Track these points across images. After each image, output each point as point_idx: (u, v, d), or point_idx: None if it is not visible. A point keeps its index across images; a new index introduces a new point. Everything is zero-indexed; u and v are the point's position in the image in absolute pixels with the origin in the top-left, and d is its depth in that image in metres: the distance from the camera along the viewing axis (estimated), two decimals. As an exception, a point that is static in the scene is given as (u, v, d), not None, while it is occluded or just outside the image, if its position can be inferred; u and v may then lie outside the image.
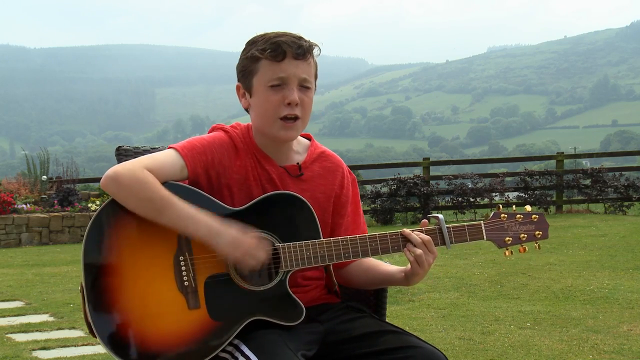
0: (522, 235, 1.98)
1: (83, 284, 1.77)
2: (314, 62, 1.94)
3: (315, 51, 1.94)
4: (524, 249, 1.98)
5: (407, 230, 1.92)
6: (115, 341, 1.74)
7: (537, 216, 2.00)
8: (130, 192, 1.75)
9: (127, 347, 1.74)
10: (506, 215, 1.98)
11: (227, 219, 1.81)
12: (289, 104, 1.87)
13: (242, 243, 1.77)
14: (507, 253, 1.98)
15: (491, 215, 1.98)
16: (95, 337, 1.75)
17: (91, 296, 1.75)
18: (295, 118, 1.89)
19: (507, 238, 1.97)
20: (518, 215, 1.98)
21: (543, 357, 3.88)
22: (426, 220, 1.96)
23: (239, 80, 1.97)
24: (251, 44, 1.92)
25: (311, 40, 1.93)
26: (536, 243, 2.00)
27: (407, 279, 1.95)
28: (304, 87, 1.90)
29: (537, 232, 1.99)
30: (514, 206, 2.03)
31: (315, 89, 1.98)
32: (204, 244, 1.78)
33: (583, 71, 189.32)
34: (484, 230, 1.96)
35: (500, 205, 2.01)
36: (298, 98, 1.88)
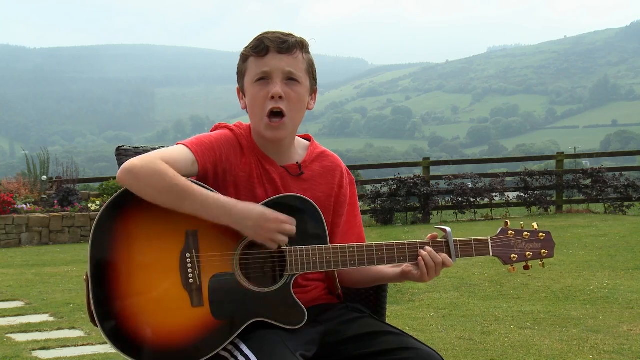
0: (528, 253, 1.98)
1: (88, 274, 1.77)
2: (305, 58, 1.93)
3: (306, 47, 1.93)
4: (528, 267, 1.98)
5: (428, 248, 1.93)
6: (116, 332, 1.75)
7: (544, 234, 2.00)
8: (149, 184, 1.75)
9: (127, 339, 1.75)
10: (514, 232, 1.98)
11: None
12: (272, 97, 1.87)
13: (269, 220, 1.78)
14: (511, 269, 1.98)
15: (498, 231, 1.98)
16: (97, 327, 1.76)
17: (95, 286, 1.76)
18: (281, 113, 1.88)
19: (513, 255, 1.97)
20: (525, 233, 1.99)
21: (543, 357, 3.88)
22: (436, 233, 1.97)
23: (237, 83, 1.99)
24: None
25: (301, 37, 1.93)
26: (541, 261, 2.00)
27: (404, 277, 1.97)
28: (291, 80, 1.90)
29: (543, 251, 1.99)
30: (521, 223, 2.03)
31: (313, 87, 1.97)
32: (230, 226, 1.78)
33: (583, 71, 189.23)
34: (490, 246, 1.96)
35: (508, 222, 2.01)
36: (283, 91, 1.87)
